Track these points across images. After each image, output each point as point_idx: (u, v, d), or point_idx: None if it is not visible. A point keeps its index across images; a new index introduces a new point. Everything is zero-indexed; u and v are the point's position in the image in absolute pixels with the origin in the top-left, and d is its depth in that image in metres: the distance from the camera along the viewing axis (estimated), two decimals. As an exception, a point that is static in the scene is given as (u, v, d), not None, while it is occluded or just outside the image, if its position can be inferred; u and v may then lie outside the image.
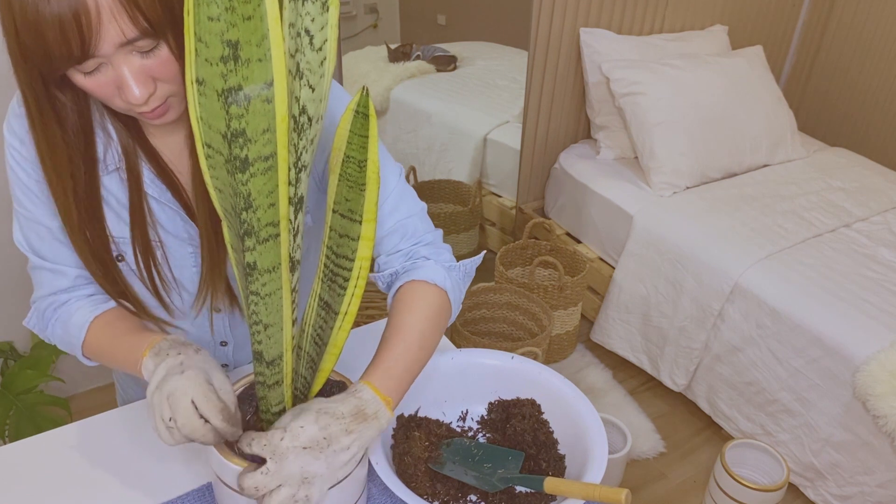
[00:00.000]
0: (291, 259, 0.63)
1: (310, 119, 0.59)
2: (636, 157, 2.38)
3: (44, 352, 1.79)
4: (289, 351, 0.68)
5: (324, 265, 0.69)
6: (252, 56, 0.51)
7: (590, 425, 0.84)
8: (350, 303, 0.68)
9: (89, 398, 2.12)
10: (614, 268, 2.27)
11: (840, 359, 1.68)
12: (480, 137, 2.64)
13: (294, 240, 0.63)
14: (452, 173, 2.75)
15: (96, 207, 0.80)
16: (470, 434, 0.91)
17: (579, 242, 2.45)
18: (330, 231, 0.67)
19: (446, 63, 2.86)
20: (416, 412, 0.90)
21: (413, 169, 2.72)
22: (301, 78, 0.58)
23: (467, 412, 0.94)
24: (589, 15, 2.32)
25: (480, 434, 0.91)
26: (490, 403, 0.93)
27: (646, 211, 2.17)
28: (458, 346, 1.04)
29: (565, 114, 2.50)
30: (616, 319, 2.27)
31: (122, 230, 0.83)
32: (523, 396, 0.92)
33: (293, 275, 0.64)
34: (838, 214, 2.15)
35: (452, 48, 2.91)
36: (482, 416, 0.93)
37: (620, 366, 2.34)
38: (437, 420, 0.89)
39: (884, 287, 1.83)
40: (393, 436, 0.86)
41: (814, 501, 1.81)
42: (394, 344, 0.77)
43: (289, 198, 0.59)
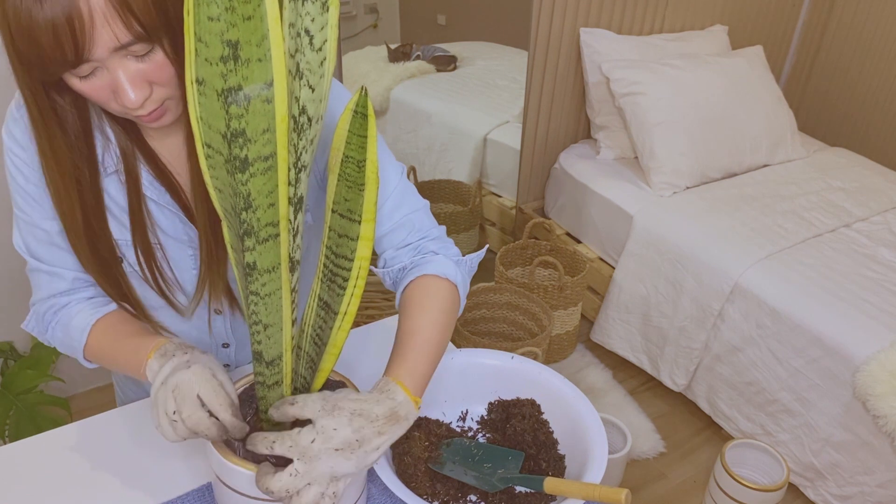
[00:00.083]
0: (291, 259, 0.63)
1: (309, 119, 0.59)
2: (636, 157, 2.38)
3: (44, 352, 1.79)
4: (288, 351, 0.68)
5: (323, 265, 0.69)
6: (252, 56, 0.51)
7: (590, 425, 0.84)
8: (349, 303, 0.68)
9: (89, 398, 2.12)
10: (614, 268, 2.27)
11: (840, 359, 1.68)
12: (480, 137, 2.64)
13: (294, 240, 0.63)
14: (452, 173, 2.75)
15: (100, 210, 0.80)
16: (470, 434, 0.91)
17: (579, 242, 2.45)
18: (329, 231, 0.67)
19: (446, 63, 2.86)
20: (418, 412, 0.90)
21: (413, 169, 2.72)
22: (301, 78, 0.58)
23: (467, 412, 0.94)
24: (589, 15, 2.32)
25: (480, 434, 0.91)
26: (490, 403, 0.93)
27: (646, 211, 2.17)
28: (458, 346, 1.04)
29: (565, 114, 2.50)
30: (616, 319, 2.27)
31: (122, 233, 0.83)
32: (523, 396, 0.92)
33: (293, 275, 0.65)
34: (838, 214, 2.15)
35: (452, 48, 2.91)
36: (482, 416, 0.93)
37: (620, 366, 2.34)
38: (437, 420, 0.89)
39: (884, 287, 1.83)
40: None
41: (814, 501, 1.81)
42: (415, 341, 0.77)
43: (288, 198, 0.59)
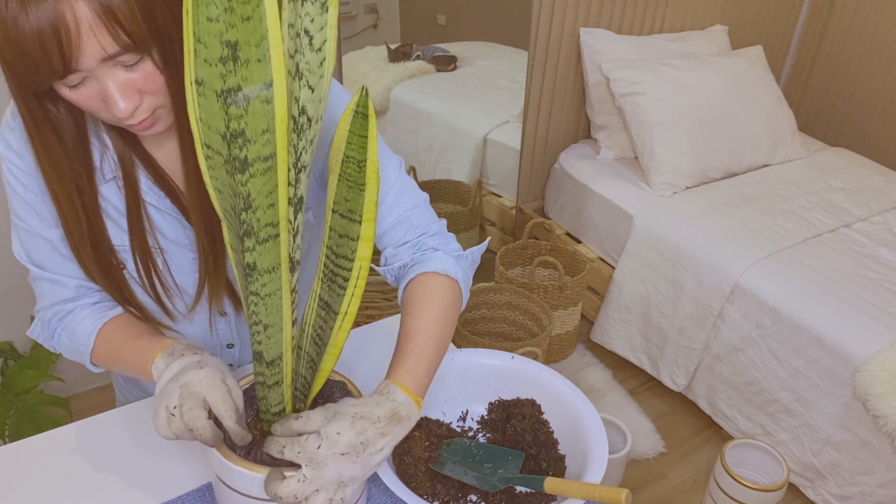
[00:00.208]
0: (291, 259, 0.63)
1: (309, 120, 0.59)
2: (636, 157, 2.38)
3: (44, 352, 1.79)
4: (289, 351, 0.68)
5: (323, 265, 0.69)
6: (251, 57, 0.51)
7: (590, 425, 0.84)
8: (350, 303, 0.68)
9: (89, 398, 2.12)
10: (614, 268, 2.27)
11: (840, 359, 1.68)
12: (480, 137, 2.64)
13: (294, 240, 0.63)
14: (452, 173, 2.75)
15: (99, 216, 0.80)
16: (470, 434, 0.91)
17: (579, 242, 2.45)
18: (330, 231, 0.67)
19: (446, 63, 2.86)
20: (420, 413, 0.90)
21: (413, 169, 2.72)
22: (300, 78, 0.58)
23: (467, 412, 0.94)
24: (589, 15, 2.32)
25: (480, 434, 0.91)
26: (490, 403, 0.93)
27: (646, 211, 2.17)
28: (458, 346, 1.04)
29: (565, 114, 2.50)
30: (616, 319, 2.27)
31: (122, 238, 0.83)
32: (523, 396, 0.91)
33: (293, 275, 0.65)
34: (838, 214, 2.15)
35: (452, 48, 2.91)
36: (482, 416, 0.93)
37: (620, 366, 2.34)
38: (438, 420, 0.89)
39: (884, 287, 1.83)
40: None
41: (814, 501, 1.81)
42: (416, 341, 0.77)
43: (288, 198, 0.59)
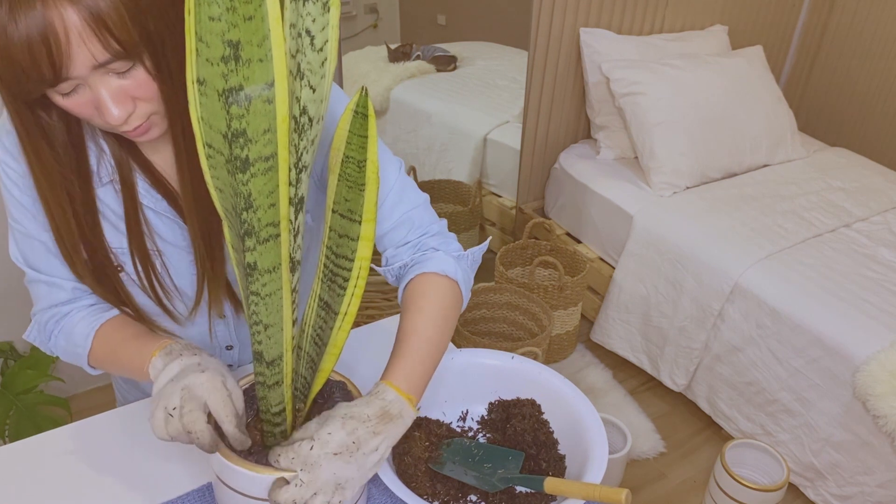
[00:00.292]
0: (292, 259, 0.63)
1: (310, 120, 0.59)
2: (636, 157, 2.38)
3: (43, 352, 1.79)
4: (289, 351, 0.68)
5: (323, 265, 0.69)
6: (253, 56, 0.51)
7: (590, 425, 0.84)
8: (350, 303, 0.68)
9: (89, 398, 2.12)
10: (614, 268, 2.27)
11: (840, 359, 1.68)
12: (480, 137, 2.64)
13: (294, 240, 0.63)
14: (452, 173, 2.75)
15: (94, 221, 0.80)
16: (470, 434, 0.91)
17: (579, 242, 2.45)
18: (329, 231, 0.67)
19: (446, 63, 2.86)
20: (417, 412, 0.90)
21: (413, 169, 2.72)
22: (302, 78, 0.58)
23: (467, 412, 0.94)
24: (589, 15, 2.32)
25: (480, 434, 0.91)
26: (490, 403, 0.93)
27: (646, 211, 2.17)
28: (458, 346, 1.04)
29: (565, 114, 2.50)
30: (616, 319, 2.27)
31: (120, 241, 0.83)
32: (523, 396, 0.92)
33: (293, 275, 0.64)
34: (838, 214, 2.15)
35: (452, 48, 2.91)
36: (482, 416, 0.93)
37: (620, 366, 2.34)
38: (438, 420, 0.89)
39: (884, 287, 1.83)
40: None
41: (814, 501, 1.81)
42: (411, 341, 0.77)
43: (289, 198, 0.59)
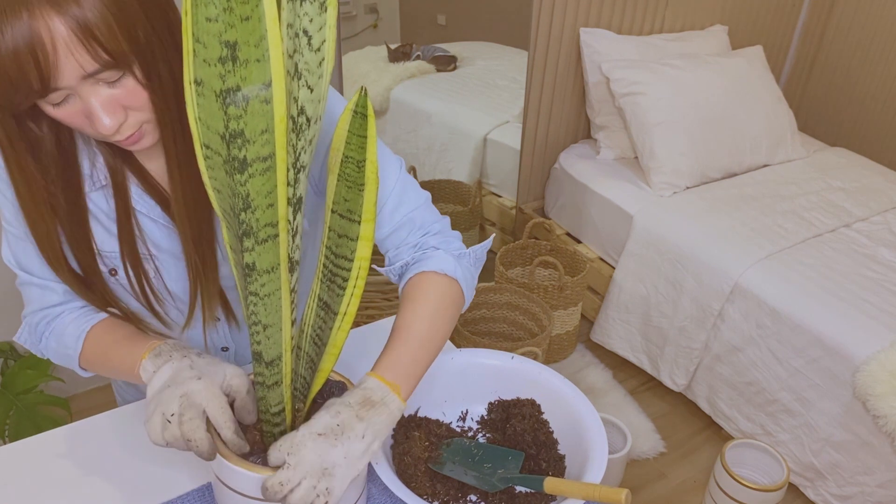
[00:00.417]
0: (290, 259, 0.63)
1: (308, 120, 0.59)
2: (636, 157, 2.38)
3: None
4: (288, 351, 0.68)
5: (323, 265, 0.69)
6: (250, 57, 0.51)
7: (590, 425, 0.84)
8: (349, 303, 0.68)
9: (89, 398, 2.12)
10: (614, 268, 2.27)
11: (840, 359, 1.68)
12: (480, 137, 2.63)
13: (293, 240, 0.63)
14: (452, 173, 2.75)
15: (83, 230, 0.79)
16: (470, 434, 0.91)
17: (579, 242, 2.45)
18: (329, 231, 0.67)
19: (446, 63, 2.86)
20: (416, 412, 0.90)
21: (413, 169, 2.72)
22: (299, 78, 0.58)
23: (467, 412, 0.94)
24: (589, 15, 2.32)
25: (480, 434, 0.91)
26: (490, 403, 0.93)
27: (646, 211, 2.17)
28: (458, 346, 1.04)
29: (565, 114, 2.50)
30: (616, 319, 2.27)
31: (114, 245, 0.82)
32: (523, 396, 0.91)
33: (292, 275, 0.64)
34: (838, 214, 2.15)
35: (452, 48, 2.91)
36: (482, 417, 0.93)
37: (620, 366, 2.34)
38: (437, 420, 0.89)
39: (884, 287, 1.82)
40: (393, 436, 0.86)
41: (814, 501, 1.81)
42: (400, 336, 0.78)
43: (287, 198, 0.59)
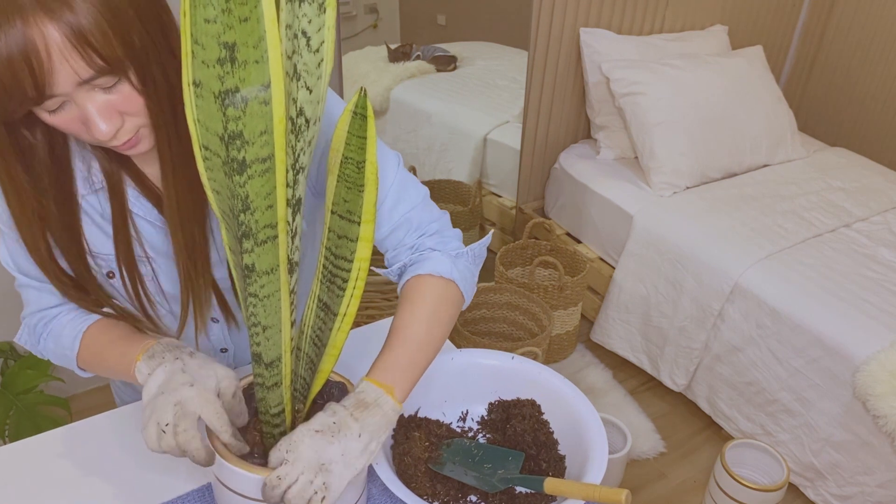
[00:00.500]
0: (290, 261, 0.63)
1: (307, 121, 0.59)
2: (636, 157, 2.38)
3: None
4: (288, 352, 0.68)
5: (322, 266, 0.69)
6: (249, 58, 0.51)
7: (590, 425, 0.84)
8: (349, 304, 0.68)
9: (89, 398, 2.12)
10: (614, 268, 2.27)
11: (840, 359, 1.68)
12: (480, 137, 2.63)
13: (292, 241, 0.63)
14: (452, 173, 2.75)
15: (72, 236, 0.79)
16: (470, 434, 0.91)
17: (579, 242, 2.45)
18: (328, 232, 0.67)
19: (446, 63, 2.86)
20: (416, 413, 0.90)
21: (413, 169, 2.72)
22: (298, 80, 0.58)
23: (467, 412, 0.94)
24: (589, 15, 2.32)
25: (480, 434, 0.91)
26: (490, 404, 0.93)
27: (646, 211, 2.17)
28: (458, 346, 1.04)
29: (565, 114, 2.49)
30: (616, 319, 2.27)
31: (109, 247, 0.82)
32: (523, 397, 0.92)
33: (291, 276, 0.65)
34: (838, 214, 2.15)
35: (452, 48, 2.91)
36: (482, 417, 0.93)
37: (620, 366, 2.34)
38: (438, 420, 0.89)
39: (884, 287, 1.82)
40: (393, 436, 0.86)
41: (814, 501, 1.81)
42: (397, 339, 0.78)
43: (286, 199, 0.59)
